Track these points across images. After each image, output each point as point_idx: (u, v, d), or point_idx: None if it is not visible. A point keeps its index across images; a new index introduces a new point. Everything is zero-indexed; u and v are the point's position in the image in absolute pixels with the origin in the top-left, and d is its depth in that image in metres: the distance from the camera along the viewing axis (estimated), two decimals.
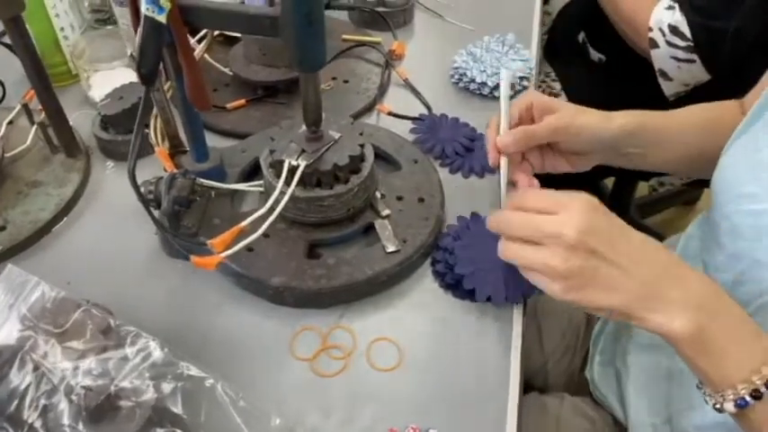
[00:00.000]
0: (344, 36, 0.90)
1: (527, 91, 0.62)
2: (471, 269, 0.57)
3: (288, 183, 0.55)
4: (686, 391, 0.58)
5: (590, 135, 0.59)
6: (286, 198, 0.55)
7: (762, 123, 0.53)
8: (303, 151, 0.56)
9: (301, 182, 0.56)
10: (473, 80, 0.81)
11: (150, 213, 0.54)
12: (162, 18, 0.45)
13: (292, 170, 0.55)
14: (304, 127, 0.57)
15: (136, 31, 0.52)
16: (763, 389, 0.42)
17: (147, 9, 0.45)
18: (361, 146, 0.59)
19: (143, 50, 0.47)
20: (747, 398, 0.42)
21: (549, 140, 0.60)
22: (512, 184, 0.58)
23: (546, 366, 0.82)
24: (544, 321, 0.82)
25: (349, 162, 0.57)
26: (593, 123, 0.59)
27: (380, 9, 0.94)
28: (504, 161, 0.57)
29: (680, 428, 0.58)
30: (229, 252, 0.51)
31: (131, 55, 0.75)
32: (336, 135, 0.59)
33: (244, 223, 0.52)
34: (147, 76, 0.48)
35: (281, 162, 0.56)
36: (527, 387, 0.78)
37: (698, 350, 0.43)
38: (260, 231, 0.52)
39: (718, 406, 0.44)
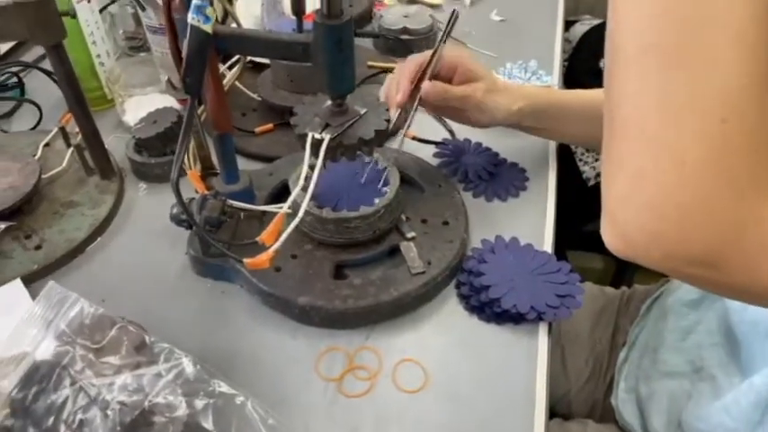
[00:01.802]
0: (370, 63, 0.92)
1: (458, 51, 0.67)
2: (504, 290, 0.57)
3: (313, 161, 0.53)
4: (697, 408, 0.57)
5: (493, 115, 0.66)
6: (317, 172, 0.52)
7: None
8: (327, 125, 0.54)
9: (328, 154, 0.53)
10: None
11: (192, 221, 0.54)
12: (208, 28, 0.47)
13: (316, 144, 0.53)
14: (329, 101, 0.56)
15: (173, 50, 0.54)
16: None
17: (194, 19, 0.46)
18: (387, 121, 0.56)
19: (189, 60, 0.48)
20: None
21: (457, 105, 0.65)
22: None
23: (569, 394, 0.81)
24: (567, 348, 0.82)
25: (374, 137, 0.54)
26: (499, 106, 0.66)
27: (404, 37, 0.96)
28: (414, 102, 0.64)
29: None
30: (279, 243, 0.50)
31: (168, 81, 0.78)
32: (362, 110, 0.56)
33: (284, 207, 0.52)
34: (193, 85, 0.49)
35: (305, 136, 0.53)
36: (550, 414, 0.78)
37: None
38: (300, 214, 0.51)
39: None
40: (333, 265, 0.61)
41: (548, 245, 0.66)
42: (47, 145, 0.77)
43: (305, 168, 0.53)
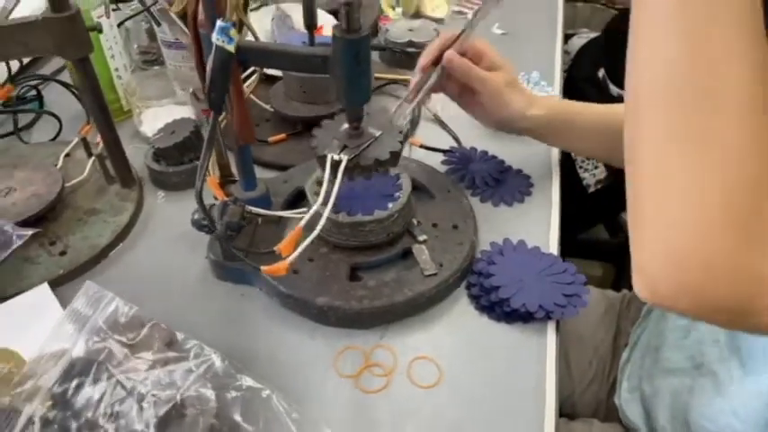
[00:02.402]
0: (377, 75, 0.95)
1: (482, 41, 0.68)
2: (514, 290, 0.60)
3: (333, 177, 0.56)
4: (700, 407, 0.60)
5: (507, 109, 0.68)
6: (336, 191, 0.55)
7: None
8: (345, 147, 0.58)
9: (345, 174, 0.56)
10: None
11: (214, 228, 0.57)
12: (231, 48, 0.50)
13: (335, 165, 0.56)
14: (345, 125, 0.59)
15: (197, 63, 0.56)
16: None
17: (218, 39, 0.49)
18: (401, 143, 0.59)
19: (213, 78, 0.51)
20: None
21: (475, 87, 0.67)
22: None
23: (573, 395, 0.83)
24: (571, 351, 0.84)
25: (390, 158, 0.58)
26: (514, 103, 0.68)
27: (410, 49, 0.99)
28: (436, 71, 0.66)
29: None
30: (296, 254, 0.52)
31: (193, 93, 0.80)
32: (377, 132, 0.59)
33: (302, 222, 0.55)
34: (217, 102, 0.52)
35: (324, 157, 0.57)
36: None
37: None
38: (319, 227, 0.53)
39: None
40: (348, 267, 0.64)
41: (553, 247, 0.68)
42: (67, 155, 0.79)
43: (325, 184, 0.56)
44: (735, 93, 0.35)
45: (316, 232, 0.53)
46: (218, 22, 0.49)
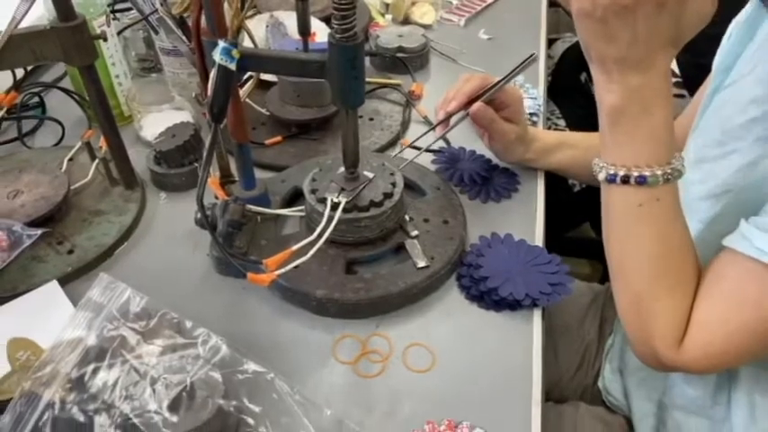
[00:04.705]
0: (368, 79, 0.98)
1: (518, 92, 0.78)
2: (502, 280, 0.63)
3: (331, 216, 0.62)
4: (674, 380, 0.67)
5: (508, 155, 0.79)
6: (331, 227, 0.61)
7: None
8: (342, 189, 0.65)
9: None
10: None
11: (212, 233, 0.60)
12: (233, 66, 0.53)
13: (334, 206, 0.63)
14: (342, 168, 0.66)
15: (200, 68, 0.60)
16: (631, 179, 0.53)
17: (222, 59, 0.52)
18: (393, 184, 0.67)
19: (216, 93, 0.54)
20: (618, 178, 0.53)
21: (492, 134, 0.76)
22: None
23: (561, 382, 0.87)
24: (559, 341, 0.88)
25: (383, 198, 0.65)
26: (516, 152, 0.79)
27: (400, 54, 1.03)
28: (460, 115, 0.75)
29: (668, 408, 0.68)
30: (282, 271, 0.57)
31: (196, 96, 0.83)
32: (371, 175, 0.67)
33: (295, 247, 0.58)
34: (218, 114, 0.55)
35: (324, 200, 0.64)
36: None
37: (610, 122, 0.53)
38: (308, 255, 0.58)
39: (596, 171, 0.56)
40: (345, 261, 0.67)
41: (539, 240, 0.72)
42: (70, 159, 0.82)
43: (322, 224, 0.61)
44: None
45: (307, 257, 0.58)
46: (221, 43, 0.53)
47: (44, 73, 1.03)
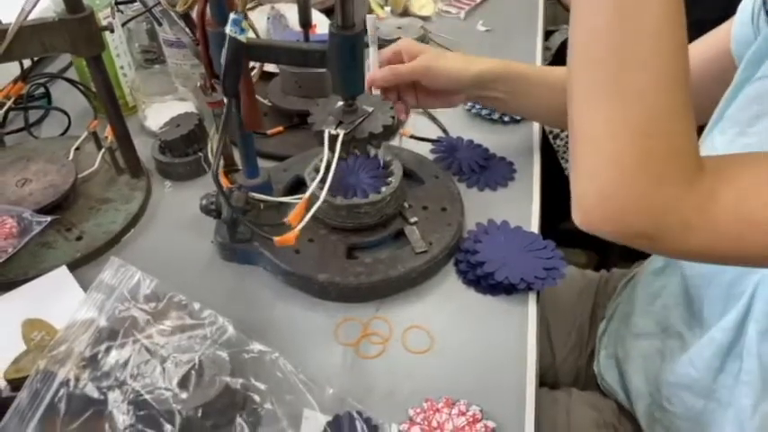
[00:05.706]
0: None
1: (400, 39, 0.75)
2: (498, 265, 0.65)
3: (332, 150, 0.61)
4: (670, 364, 0.67)
5: (448, 77, 0.71)
6: (335, 162, 0.60)
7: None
8: (340, 122, 0.62)
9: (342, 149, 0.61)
10: (484, 107, 0.91)
11: (230, 204, 0.62)
12: (243, 38, 0.54)
13: (332, 139, 0.61)
14: (340, 102, 0.64)
15: (204, 58, 0.61)
16: None
17: (232, 30, 0.54)
18: (392, 117, 0.64)
19: (227, 66, 0.55)
20: None
21: (412, 79, 0.72)
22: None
23: (554, 364, 0.89)
24: (552, 323, 0.90)
25: (383, 131, 0.62)
26: (452, 67, 0.71)
27: None
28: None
29: (664, 389, 0.68)
30: (303, 223, 0.57)
31: (200, 86, 0.84)
32: (370, 108, 0.65)
33: (308, 193, 0.60)
34: (230, 87, 0.57)
35: (321, 132, 0.61)
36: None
37: None
38: (321, 198, 0.59)
39: None
40: (345, 247, 0.69)
41: (534, 227, 0.74)
42: (77, 149, 0.84)
43: (325, 159, 0.61)
44: (647, 73, 0.42)
45: (320, 201, 0.59)
46: (232, 15, 0.54)
47: (49, 64, 1.05)
